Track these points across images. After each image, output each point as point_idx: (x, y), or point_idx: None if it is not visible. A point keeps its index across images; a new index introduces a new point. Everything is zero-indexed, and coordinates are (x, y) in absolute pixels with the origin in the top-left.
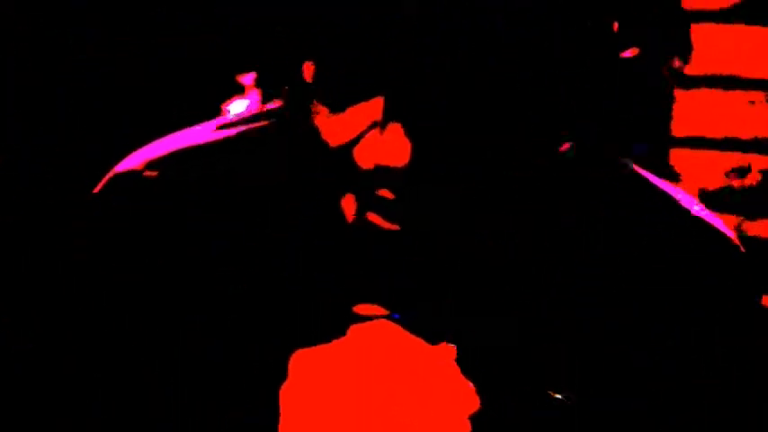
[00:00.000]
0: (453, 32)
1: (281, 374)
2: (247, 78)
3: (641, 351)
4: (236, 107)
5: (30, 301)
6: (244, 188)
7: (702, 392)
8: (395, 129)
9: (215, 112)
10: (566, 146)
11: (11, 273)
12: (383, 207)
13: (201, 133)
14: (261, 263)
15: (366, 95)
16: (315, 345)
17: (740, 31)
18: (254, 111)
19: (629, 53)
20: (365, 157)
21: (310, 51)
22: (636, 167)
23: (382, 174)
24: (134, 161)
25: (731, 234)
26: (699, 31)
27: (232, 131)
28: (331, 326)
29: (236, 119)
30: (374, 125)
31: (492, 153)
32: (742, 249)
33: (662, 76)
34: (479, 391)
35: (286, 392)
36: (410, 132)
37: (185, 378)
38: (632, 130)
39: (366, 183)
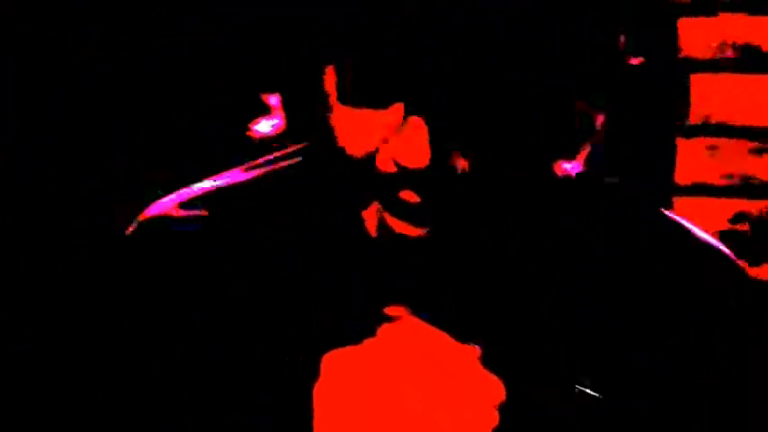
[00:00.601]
0: (453, 32)
1: (311, 377)
2: (274, 99)
3: (641, 351)
4: (263, 127)
5: (30, 301)
6: (275, 211)
7: (702, 392)
8: (415, 129)
9: (215, 113)
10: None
11: (11, 273)
12: (407, 212)
13: (230, 177)
14: (293, 275)
15: (365, 95)
16: (345, 345)
17: (742, 80)
18: (281, 150)
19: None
20: (387, 163)
21: (310, 51)
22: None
23: (404, 178)
24: (164, 206)
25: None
26: (701, 81)
27: (260, 171)
28: (361, 327)
29: (263, 161)
30: (394, 131)
31: (492, 153)
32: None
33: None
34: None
35: (319, 392)
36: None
37: (186, 379)
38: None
39: (389, 189)
